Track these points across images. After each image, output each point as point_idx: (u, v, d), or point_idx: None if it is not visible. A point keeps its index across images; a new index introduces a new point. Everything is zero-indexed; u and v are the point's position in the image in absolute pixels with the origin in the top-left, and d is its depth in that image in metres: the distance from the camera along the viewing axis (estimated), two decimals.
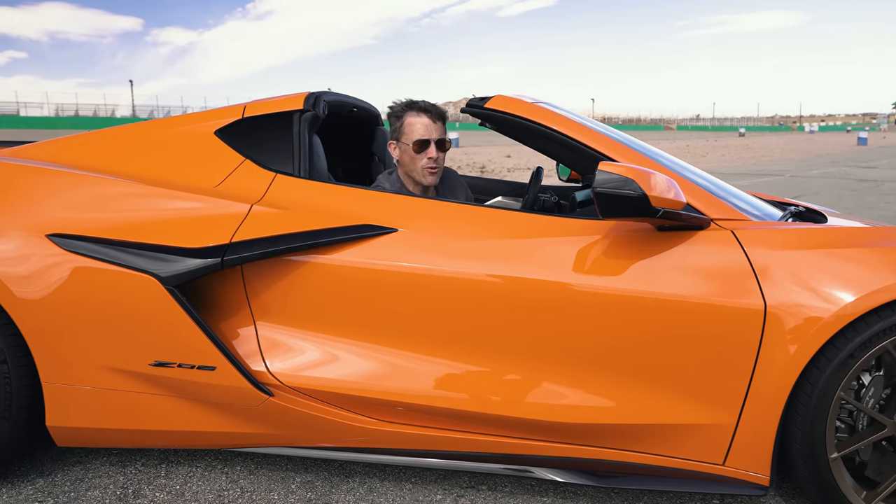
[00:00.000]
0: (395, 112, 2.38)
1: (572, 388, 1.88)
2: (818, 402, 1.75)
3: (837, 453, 1.80)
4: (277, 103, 2.23)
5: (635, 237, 1.87)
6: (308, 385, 1.95)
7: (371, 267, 1.91)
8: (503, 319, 1.88)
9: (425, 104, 2.35)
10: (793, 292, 1.74)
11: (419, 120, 2.31)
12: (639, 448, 1.89)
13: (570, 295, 1.84)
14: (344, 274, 1.92)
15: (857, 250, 1.82)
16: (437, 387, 1.92)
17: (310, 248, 1.92)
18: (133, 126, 2.33)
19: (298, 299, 1.96)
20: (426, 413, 1.94)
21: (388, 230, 1.94)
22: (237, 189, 2.06)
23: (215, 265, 1.87)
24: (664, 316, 1.79)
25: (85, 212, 1.98)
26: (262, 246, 1.89)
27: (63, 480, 2.10)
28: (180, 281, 1.87)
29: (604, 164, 1.73)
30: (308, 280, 1.94)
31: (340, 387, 1.94)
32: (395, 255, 1.92)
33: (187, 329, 1.88)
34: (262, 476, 2.16)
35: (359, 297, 1.94)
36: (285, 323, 1.98)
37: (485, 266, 1.88)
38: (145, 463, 2.22)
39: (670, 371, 1.82)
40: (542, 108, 2.10)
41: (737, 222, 1.90)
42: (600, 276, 1.84)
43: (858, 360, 1.73)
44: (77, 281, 1.90)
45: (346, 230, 1.92)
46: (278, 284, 1.96)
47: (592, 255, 1.88)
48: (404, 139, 2.34)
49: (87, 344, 1.93)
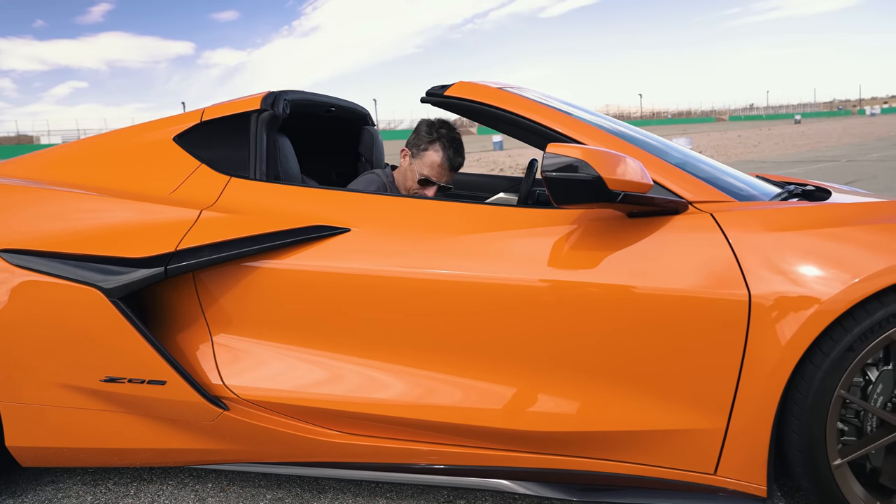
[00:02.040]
0: (428, 133, 2.34)
1: (543, 393, 1.72)
2: (815, 401, 1.55)
3: (842, 459, 1.59)
4: (235, 105, 2.14)
5: (603, 226, 1.70)
6: (265, 397, 1.84)
7: (321, 270, 1.80)
8: (462, 322, 1.73)
9: (455, 151, 2.32)
10: (780, 279, 1.54)
11: (440, 163, 2.30)
12: (619, 457, 1.72)
13: (535, 292, 1.68)
14: (294, 279, 1.81)
15: (856, 229, 1.61)
16: (399, 396, 1.78)
17: (258, 253, 1.81)
18: (97, 137, 2.29)
19: (252, 307, 1.86)
20: (392, 424, 1.81)
21: (340, 230, 1.82)
22: (190, 195, 1.98)
23: (159, 275, 1.79)
24: (638, 311, 1.61)
25: (35, 225, 1.94)
26: (206, 253, 1.80)
27: (32, 500, 2.06)
28: (125, 292, 1.80)
29: (552, 145, 1.56)
30: (259, 286, 1.84)
31: (300, 398, 1.83)
32: (347, 256, 1.80)
33: (134, 342, 1.80)
34: (233, 494, 2.06)
35: (312, 303, 1.82)
36: (240, 332, 1.88)
37: (441, 265, 1.74)
38: (117, 482, 2.16)
39: (648, 372, 1.64)
40: (504, 93, 1.95)
41: (718, 204, 1.71)
42: (568, 270, 1.67)
43: (859, 352, 1.52)
44: (24, 296, 1.85)
45: (294, 232, 1.81)
46: (231, 292, 1.86)
47: (558, 248, 1.71)
48: (417, 163, 2.33)
49: (38, 360, 1.88)
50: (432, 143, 2.31)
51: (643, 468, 1.71)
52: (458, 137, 2.36)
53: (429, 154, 2.31)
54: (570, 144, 1.55)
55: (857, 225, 1.61)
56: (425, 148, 2.31)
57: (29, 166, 2.22)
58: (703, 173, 1.86)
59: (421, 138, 2.34)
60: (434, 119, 2.42)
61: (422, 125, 2.38)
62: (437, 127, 2.34)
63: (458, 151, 2.33)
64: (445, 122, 2.40)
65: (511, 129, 2.00)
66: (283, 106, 2.15)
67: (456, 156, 2.32)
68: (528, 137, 1.96)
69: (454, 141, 2.33)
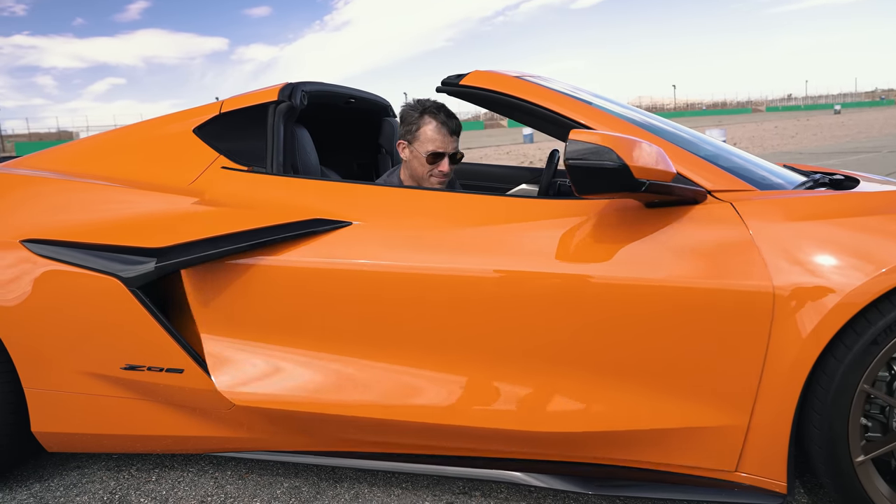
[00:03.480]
0: (412, 113, 2.25)
1: (563, 393, 1.68)
2: (837, 396, 1.50)
3: (865, 456, 1.54)
4: (253, 97, 2.15)
5: (622, 217, 1.66)
6: (261, 403, 1.80)
7: (321, 266, 1.77)
8: (472, 319, 1.69)
9: (446, 115, 2.22)
10: (799, 269, 1.50)
11: (438, 130, 2.19)
12: (637, 457, 1.69)
13: (553, 287, 1.64)
14: (292, 275, 1.78)
15: (882, 218, 1.55)
16: (420, 400, 1.73)
17: (255, 249, 1.78)
18: (119, 130, 2.32)
19: (246, 306, 1.82)
20: (409, 430, 1.77)
21: (342, 224, 1.80)
22: (209, 186, 2.00)
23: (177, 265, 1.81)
24: (657, 305, 1.57)
25: (57, 215, 1.97)
26: (196, 250, 1.78)
27: (58, 485, 2.11)
28: (144, 282, 1.82)
29: (575, 132, 1.51)
30: (255, 283, 1.80)
31: (303, 404, 1.78)
32: (348, 251, 1.77)
33: (153, 331, 1.83)
34: (251, 481, 2.09)
35: (317, 300, 1.78)
36: (233, 334, 1.84)
37: (450, 259, 1.71)
38: (140, 468, 2.20)
39: (671, 368, 1.60)
40: (521, 81, 1.93)
41: (738, 193, 1.66)
42: (587, 263, 1.63)
43: (884, 346, 1.47)
44: (47, 285, 1.89)
45: (292, 226, 1.78)
46: (221, 291, 1.83)
47: (578, 240, 1.68)
48: (417, 145, 2.21)
49: (61, 348, 1.92)
50: (420, 117, 2.21)
51: (659, 466, 1.68)
52: (442, 104, 2.27)
53: (423, 130, 2.20)
54: (593, 131, 1.51)
55: (883, 214, 1.55)
56: (417, 127, 2.21)
57: (53, 158, 2.27)
58: (725, 162, 1.82)
59: (409, 122, 2.24)
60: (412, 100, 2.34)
61: (404, 111, 2.30)
62: (418, 102, 2.26)
63: (448, 114, 2.23)
64: (419, 98, 2.31)
65: (529, 119, 1.98)
66: (300, 97, 2.15)
67: (449, 118, 2.21)
68: (546, 127, 1.93)
69: (440, 107, 2.24)
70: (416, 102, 2.27)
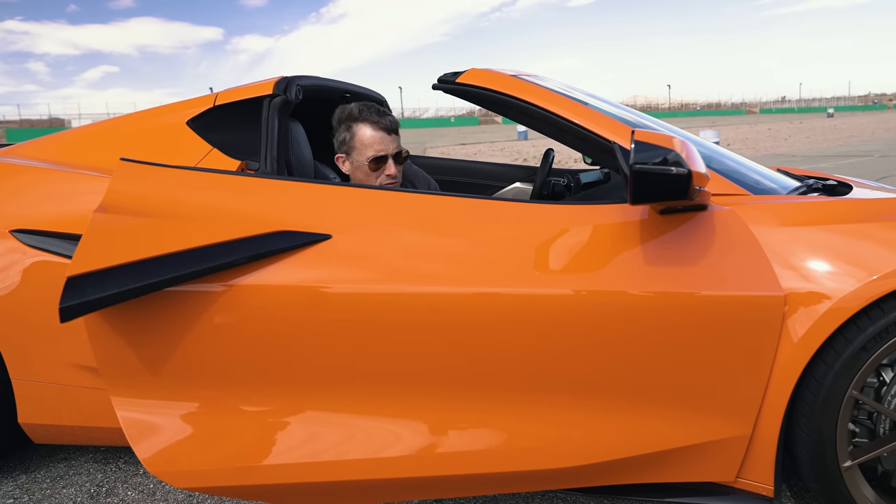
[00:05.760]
0: (341, 121, 2.10)
1: (561, 424, 1.56)
2: (826, 402, 1.51)
3: (852, 461, 1.55)
4: (248, 90, 2.14)
5: (630, 224, 1.57)
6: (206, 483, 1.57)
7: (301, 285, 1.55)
8: (469, 347, 1.54)
9: (378, 114, 2.07)
10: (791, 275, 1.49)
11: (373, 133, 2.04)
12: (638, 479, 1.64)
13: (552, 306, 1.51)
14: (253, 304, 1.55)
15: (874, 225, 1.56)
16: (409, 450, 1.57)
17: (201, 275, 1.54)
18: (112, 120, 2.30)
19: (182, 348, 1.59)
20: (409, 485, 1.61)
21: (320, 237, 1.59)
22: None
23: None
24: (673, 317, 1.49)
25: (48, 206, 1.96)
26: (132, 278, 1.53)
27: (44, 477, 2.10)
28: None
29: (640, 133, 1.39)
30: (192, 317, 1.57)
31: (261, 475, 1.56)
32: (327, 272, 1.56)
33: None
34: None
35: (279, 336, 1.56)
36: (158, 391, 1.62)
37: (442, 278, 1.54)
38: (127, 460, 2.19)
39: (683, 384, 1.54)
40: (517, 80, 1.92)
41: (734, 197, 1.66)
42: (591, 277, 1.52)
43: (873, 353, 1.48)
44: (37, 275, 1.88)
45: (258, 241, 1.56)
46: (158, 325, 1.60)
47: (579, 252, 1.56)
48: (356, 154, 2.06)
49: (50, 339, 1.90)
50: (350, 125, 2.08)
51: (660, 481, 1.65)
52: (371, 104, 2.13)
53: (356, 137, 2.05)
54: (656, 132, 1.43)
55: (876, 221, 1.56)
56: (351, 136, 2.07)
57: (44, 148, 2.24)
58: (718, 165, 1.82)
59: (341, 131, 2.11)
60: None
61: (333, 124, 2.15)
62: (342, 111, 2.12)
63: (378, 112, 2.08)
64: (343, 105, 2.15)
65: (524, 118, 1.97)
66: (295, 91, 2.14)
67: (380, 116, 2.06)
68: (541, 127, 1.92)
69: (369, 107, 2.10)
70: (339, 110, 2.14)
